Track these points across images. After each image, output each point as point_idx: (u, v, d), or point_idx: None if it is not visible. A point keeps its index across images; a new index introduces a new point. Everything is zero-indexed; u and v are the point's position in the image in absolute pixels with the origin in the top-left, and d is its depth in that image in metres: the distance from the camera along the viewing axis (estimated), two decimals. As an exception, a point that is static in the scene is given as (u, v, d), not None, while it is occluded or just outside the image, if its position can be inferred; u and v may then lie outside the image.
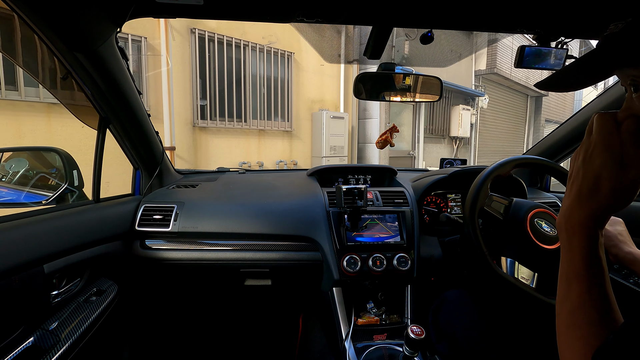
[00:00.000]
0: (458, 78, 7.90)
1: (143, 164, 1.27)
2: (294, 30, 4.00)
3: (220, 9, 0.82)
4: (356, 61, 5.74)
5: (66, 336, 0.79)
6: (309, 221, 1.15)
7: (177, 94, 4.02)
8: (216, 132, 4.45)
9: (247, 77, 4.61)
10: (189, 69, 4.12)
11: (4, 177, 1.28)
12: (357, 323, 1.05)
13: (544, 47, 0.94)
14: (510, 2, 0.78)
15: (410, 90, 1.15)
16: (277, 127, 5.07)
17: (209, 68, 4.27)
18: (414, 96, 1.17)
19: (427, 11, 0.82)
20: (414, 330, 0.79)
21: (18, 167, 1.29)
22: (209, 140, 4.41)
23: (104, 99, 0.99)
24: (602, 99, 1.16)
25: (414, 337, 0.78)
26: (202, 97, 4.28)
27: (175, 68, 3.95)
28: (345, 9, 0.79)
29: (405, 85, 1.13)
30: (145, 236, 1.14)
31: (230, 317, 1.61)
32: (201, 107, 4.28)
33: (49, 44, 0.79)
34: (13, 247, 0.73)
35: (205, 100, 4.30)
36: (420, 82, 1.14)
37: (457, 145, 8.38)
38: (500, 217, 0.91)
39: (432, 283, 1.23)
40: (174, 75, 3.94)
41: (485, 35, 5.11)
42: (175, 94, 3.98)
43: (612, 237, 0.72)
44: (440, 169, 1.45)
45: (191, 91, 4.17)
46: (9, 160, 1.31)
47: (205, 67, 4.24)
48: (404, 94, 1.15)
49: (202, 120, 4.28)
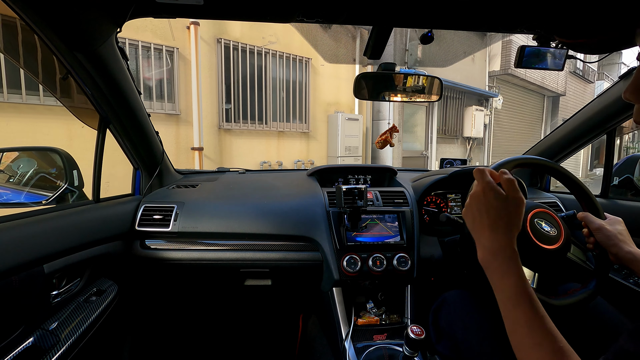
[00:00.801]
0: (472, 79, 7.98)
1: (143, 164, 1.27)
2: (310, 37, 4.41)
3: (220, 9, 0.82)
4: (370, 65, 5.84)
5: (66, 336, 0.78)
6: (309, 221, 1.15)
7: (205, 98, 4.35)
8: (239, 133, 4.77)
9: (267, 82, 4.93)
10: (215, 75, 4.44)
11: (10, 177, 1.28)
12: (357, 323, 1.05)
13: (544, 47, 0.94)
14: (511, 2, 0.78)
15: (411, 90, 1.15)
16: (295, 129, 5.36)
17: (233, 74, 4.61)
18: (414, 96, 1.17)
19: (427, 11, 0.82)
20: (414, 330, 0.79)
21: (27, 167, 1.29)
22: (233, 141, 4.73)
23: (104, 99, 0.99)
24: (602, 99, 1.17)
25: (413, 337, 0.78)
26: (227, 101, 4.61)
27: (203, 75, 4.27)
28: (345, 9, 0.79)
29: (405, 85, 1.13)
30: (145, 236, 1.14)
31: (230, 317, 1.61)
32: (226, 111, 4.61)
33: (49, 44, 0.79)
34: (13, 247, 0.72)
35: (230, 104, 4.63)
36: (420, 81, 1.14)
37: (470, 146, 8.39)
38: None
39: (432, 283, 1.22)
40: (202, 81, 4.25)
41: (500, 35, 5.04)
42: (203, 98, 4.31)
43: (612, 236, 0.72)
44: (440, 169, 1.45)
45: (217, 96, 4.49)
46: (16, 161, 1.31)
47: (230, 73, 4.57)
48: (404, 93, 1.15)
49: (227, 122, 4.61)
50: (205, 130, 4.37)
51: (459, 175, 1.26)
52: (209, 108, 4.40)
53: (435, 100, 1.19)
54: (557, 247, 0.78)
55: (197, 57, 4.12)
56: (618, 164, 1.47)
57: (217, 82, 4.46)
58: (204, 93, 4.31)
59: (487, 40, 5.78)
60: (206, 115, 4.37)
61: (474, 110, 7.98)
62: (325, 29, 4.34)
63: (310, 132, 5.57)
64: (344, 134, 5.58)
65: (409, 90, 1.14)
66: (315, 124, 5.62)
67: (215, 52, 4.40)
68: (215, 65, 4.42)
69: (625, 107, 1.12)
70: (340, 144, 5.56)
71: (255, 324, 1.63)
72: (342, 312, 1.06)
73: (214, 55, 4.39)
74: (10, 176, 1.35)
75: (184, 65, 4.15)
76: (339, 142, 5.56)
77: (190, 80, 4.18)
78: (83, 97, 0.98)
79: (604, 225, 0.75)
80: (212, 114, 4.45)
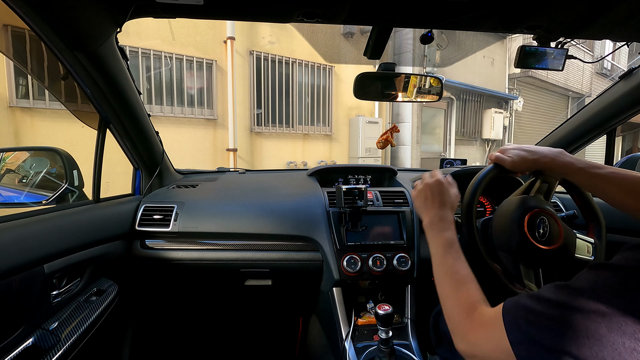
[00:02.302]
0: (491, 82, 8.06)
1: (143, 164, 1.27)
2: (334, 46, 4.80)
3: (220, 9, 0.82)
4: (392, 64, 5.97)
5: (66, 336, 0.78)
6: (309, 221, 1.15)
7: (239, 104, 4.90)
8: (268, 136, 5.29)
9: (294, 89, 5.45)
10: (248, 83, 4.99)
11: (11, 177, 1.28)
12: (357, 323, 1.05)
13: (544, 47, 0.94)
14: (510, 2, 0.78)
15: (410, 91, 1.15)
16: (319, 131, 5.85)
17: (264, 82, 5.14)
18: (414, 95, 1.17)
19: (427, 11, 0.82)
20: (382, 307, 0.88)
21: (40, 167, 1.29)
22: (263, 143, 5.25)
23: (104, 99, 0.99)
24: (602, 99, 1.17)
25: (382, 313, 0.87)
26: (258, 106, 5.14)
27: (237, 83, 4.83)
28: (345, 10, 0.79)
29: (405, 85, 1.13)
30: (146, 236, 1.14)
31: (230, 317, 1.61)
32: (257, 115, 5.14)
33: (49, 44, 0.79)
34: (13, 247, 0.72)
35: (261, 109, 5.15)
36: (420, 82, 1.14)
37: (489, 148, 8.45)
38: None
39: (433, 283, 1.22)
40: (236, 89, 4.81)
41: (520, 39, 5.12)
42: (237, 104, 4.86)
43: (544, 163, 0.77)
44: (440, 169, 1.45)
45: (249, 102, 5.03)
46: (26, 161, 1.31)
47: (261, 81, 5.10)
48: (404, 94, 1.15)
49: (257, 126, 5.14)
50: (239, 133, 4.89)
51: (459, 175, 1.26)
52: (242, 113, 4.93)
53: (435, 101, 1.19)
54: (557, 247, 0.78)
55: (232, 68, 4.69)
56: (618, 163, 1.47)
57: (250, 90, 5.00)
58: (238, 100, 4.85)
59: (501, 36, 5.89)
60: (240, 120, 4.89)
61: (493, 112, 8.09)
62: (360, 39, 4.62)
63: (333, 135, 6.02)
64: (365, 136, 5.97)
65: (409, 90, 1.14)
66: (338, 126, 6.06)
67: (248, 63, 4.95)
68: (248, 75, 4.97)
69: (625, 108, 1.11)
70: (361, 146, 5.95)
71: (256, 323, 1.63)
72: (342, 312, 1.06)
73: (246, 65, 4.94)
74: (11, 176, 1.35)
75: (221, 75, 4.70)
76: (359, 143, 5.95)
77: (226, 89, 4.71)
78: (83, 97, 0.98)
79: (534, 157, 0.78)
80: (245, 118, 4.98)
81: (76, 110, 1.11)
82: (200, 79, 4.58)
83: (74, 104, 1.10)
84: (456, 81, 7.22)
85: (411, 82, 1.14)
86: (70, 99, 1.09)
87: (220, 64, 4.67)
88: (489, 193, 1.31)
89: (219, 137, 4.71)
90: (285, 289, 1.24)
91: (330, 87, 5.85)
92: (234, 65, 4.69)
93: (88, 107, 1.01)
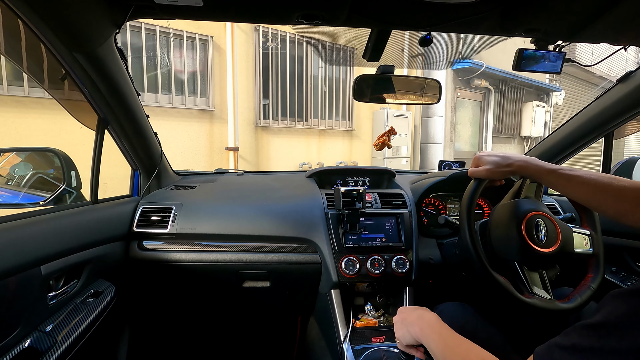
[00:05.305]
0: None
1: (141, 165, 1.27)
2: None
3: (220, 10, 0.82)
4: (420, 55, 5.54)
5: (63, 338, 0.78)
6: (307, 223, 1.15)
7: (241, 93, 3.94)
8: (277, 131, 4.36)
9: (308, 76, 4.48)
10: (252, 66, 3.99)
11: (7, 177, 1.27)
12: (355, 325, 1.05)
13: (542, 51, 0.95)
14: (510, 6, 0.78)
15: (409, 93, 1.15)
16: (338, 127, 4.89)
17: (272, 66, 4.13)
18: (412, 98, 1.18)
19: (426, 14, 0.83)
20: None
21: (24, 168, 1.28)
22: (270, 140, 4.32)
23: (103, 100, 0.98)
24: (600, 102, 1.17)
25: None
26: (265, 96, 4.18)
27: (239, 66, 3.86)
28: (345, 12, 0.79)
29: (404, 87, 1.14)
30: (144, 237, 1.14)
31: (228, 319, 1.60)
32: (263, 107, 4.18)
33: (48, 44, 0.79)
34: (10, 248, 0.72)
35: (268, 99, 4.20)
36: (418, 84, 1.15)
37: (528, 146, 7.47)
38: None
39: (431, 285, 1.23)
40: (238, 74, 3.85)
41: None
42: (239, 93, 3.91)
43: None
44: (438, 171, 1.46)
45: (254, 90, 4.05)
46: (12, 165, 1.30)
47: (269, 64, 4.10)
48: (403, 96, 1.16)
49: (264, 120, 4.18)
50: (241, 129, 3.97)
51: (457, 177, 1.26)
52: (245, 104, 3.98)
53: (433, 103, 1.20)
54: (554, 250, 0.79)
55: (233, 47, 3.73)
56: (616, 166, 1.47)
57: (254, 75, 4.00)
58: (240, 87, 3.89)
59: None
60: (242, 112, 3.96)
61: (534, 106, 7.01)
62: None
63: (354, 131, 5.05)
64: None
65: (407, 93, 1.15)
66: (360, 121, 5.10)
67: (253, 42, 3.91)
68: (253, 56, 3.96)
69: (622, 111, 1.12)
70: (387, 144, 5.39)
71: (254, 325, 1.62)
72: (341, 314, 1.05)
73: (250, 45, 3.91)
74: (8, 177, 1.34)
75: (218, 56, 3.72)
76: (385, 141, 5.40)
77: (225, 73, 3.76)
78: (81, 97, 0.97)
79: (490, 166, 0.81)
80: (249, 110, 4.03)
81: (74, 110, 1.10)
82: (193, 59, 3.64)
83: (71, 104, 1.10)
84: (496, 68, 5.97)
85: (410, 85, 1.15)
86: (68, 99, 1.09)
87: (217, 42, 3.70)
88: (485, 195, 1.31)
89: (216, 133, 3.79)
90: (284, 290, 1.24)
91: (351, 74, 4.81)
92: (234, 44, 3.75)
93: (86, 107, 1.00)
